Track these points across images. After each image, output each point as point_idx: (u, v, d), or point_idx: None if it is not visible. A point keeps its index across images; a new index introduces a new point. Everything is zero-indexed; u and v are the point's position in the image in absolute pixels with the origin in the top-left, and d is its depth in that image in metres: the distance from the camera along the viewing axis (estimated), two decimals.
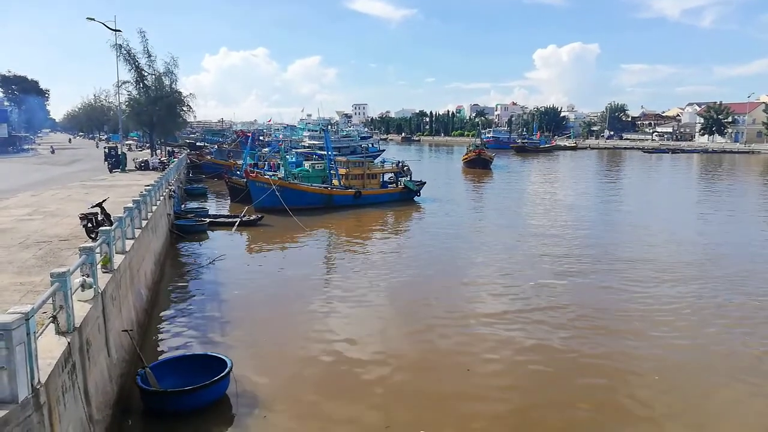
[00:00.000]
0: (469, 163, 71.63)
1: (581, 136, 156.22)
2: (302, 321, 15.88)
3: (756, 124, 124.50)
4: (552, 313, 16.53)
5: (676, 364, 13.28)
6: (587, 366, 13.11)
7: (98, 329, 9.25)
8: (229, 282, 19.61)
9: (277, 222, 30.88)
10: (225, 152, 65.38)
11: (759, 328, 15.53)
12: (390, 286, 19.41)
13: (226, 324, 15.39)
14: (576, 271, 21.18)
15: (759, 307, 17.11)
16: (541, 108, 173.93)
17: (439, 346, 14.21)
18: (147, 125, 50.33)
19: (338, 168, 39.42)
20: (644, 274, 20.79)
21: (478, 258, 23.71)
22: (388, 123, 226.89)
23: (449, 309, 16.92)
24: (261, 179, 35.26)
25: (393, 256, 24.10)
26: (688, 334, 15.05)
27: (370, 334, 14.85)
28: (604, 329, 15.34)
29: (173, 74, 48.42)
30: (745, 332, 15.17)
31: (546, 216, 34.62)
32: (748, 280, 20.03)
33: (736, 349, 14.09)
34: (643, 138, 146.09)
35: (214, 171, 53.15)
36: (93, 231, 13.43)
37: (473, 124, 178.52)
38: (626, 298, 18.03)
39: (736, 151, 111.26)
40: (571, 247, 25.54)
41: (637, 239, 27.67)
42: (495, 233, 29.21)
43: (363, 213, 35.66)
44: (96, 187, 27.76)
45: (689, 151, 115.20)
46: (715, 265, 22.22)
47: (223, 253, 23.48)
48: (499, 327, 15.43)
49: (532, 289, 18.89)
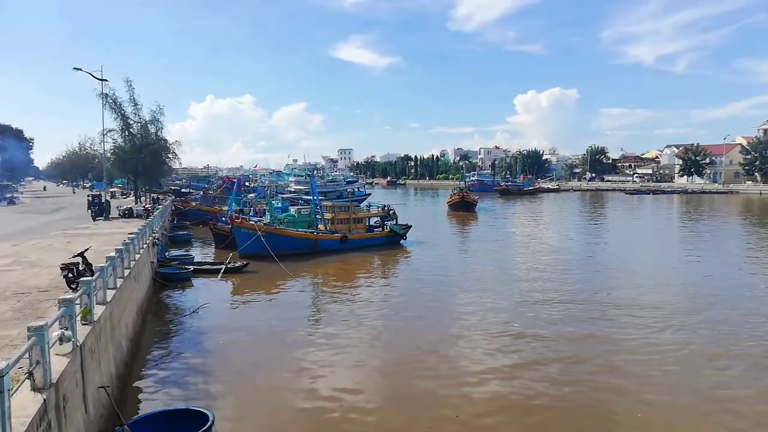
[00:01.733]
0: (454, 206, 72.23)
1: (564, 178, 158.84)
2: (288, 372, 15.52)
3: (733, 164, 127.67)
4: (540, 363, 16.37)
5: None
6: (576, 415, 12.93)
7: (76, 384, 8.96)
8: (212, 331, 19.23)
9: (263, 268, 30.59)
10: (210, 198, 65.33)
11: (745, 371, 15.49)
12: (377, 335, 19.15)
13: (209, 375, 15.01)
14: (562, 317, 21.10)
15: (740, 354, 17.11)
16: (523, 151, 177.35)
17: (427, 396, 13.93)
18: (132, 173, 50.22)
19: (324, 212, 39.48)
20: (631, 320, 20.77)
21: (466, 304, 23.52)
22: (374, 167, 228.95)
23: (437, 358, 16.69)
24: (246, 225, 35.11)
25: (380, 303, 23.87)
26: (673, 380, 14.97)
27: (357, 386, 14.52)
28: (590, 381, 15.16)
29: (159, 122, 48.76)
30: (734, 375, 15.12)
31: (532, 259, 34.72)
32: (736, 324, 20.11)
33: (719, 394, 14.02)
34: (624, 180, 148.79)
35: (199, 217, 52.88)
36: (74, 281, 13.20)
37: (457, 167, 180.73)
38: (612, 346, 17.94)
39: (716, 191, 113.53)
40: (558, 291, 25.55)
41: (623, 284, 27.75)
42: (482, 278, 29.18)
43: (349, 258, 35.50)
44: (78, 236, 27.42)
45: (670, 192, 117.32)
46: (702, 311, 22.30)
47: (207, 302, 23.12)
48: (488, 377, 15.22)
49: (519, 336, 18.74)
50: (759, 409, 13.04)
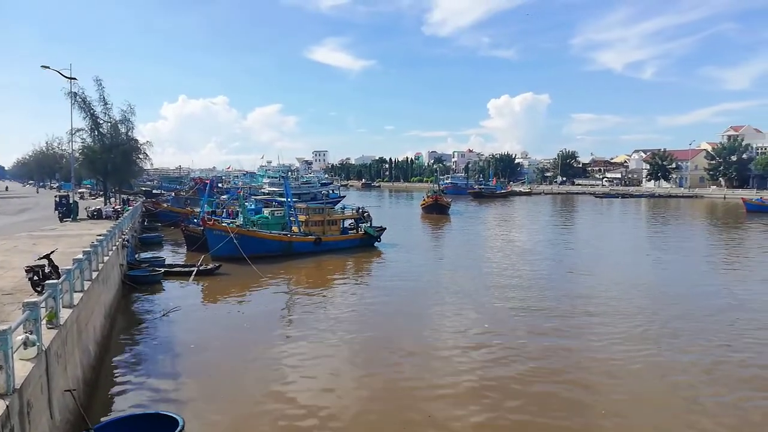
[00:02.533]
0: (427, 208, 72.64)
1: (535, 181, 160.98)
2: (260, 375, 15.42)
3: (698, 169, 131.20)
4: (512, 366, 16.60)
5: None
6: (547, 416, 13.17)
7: (41, 389, 8.78)
8: (183, 334, 18.99)
9: (236, 271, 30.30)
10: (182, 200, 64.44)
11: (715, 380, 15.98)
12: (351, 338, 19.16)
13: (179, 379, 14.82)
14: (533, 319, 21.45)
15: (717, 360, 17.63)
16: (496, 155, 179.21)
17: (400, 398, 14.01)
18: (101, 173, 49.28)
19: (298, 214, 39.31)
20: (600, 322, 21.22)
21: (439, 307, 23.73)
22: (349, 169, 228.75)
23: (410, 360, 16.78)
24: (218, 227, 34.75)
25: (353, 306, 23.88)
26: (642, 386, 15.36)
27: (330, 389, 14.52)
28: (561, 381, 15.44)
29: (130, 122, 48.04)
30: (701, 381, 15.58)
31: (504, 262, 35.15)
32: (700, 325, 20.72)
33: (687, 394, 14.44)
34: (593, 183, 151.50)
35: (171, 219, 52.09)
36: (39, 284, 12.92)
37: (432, 170, 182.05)
38: (582, 348, 18.30)
39: (681, 195, 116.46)
40: (530, 293, 25.98)
41: (592, 286, 28.31)
42: (455, 280, 29.41)
43: (323, 260, 35.41)
44: (45, 238, 26.76)
45: (638, 195, 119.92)
46: (666, 312, 22.89)
47: (177, 305, 22.80)
48: (460, 378, 15.38)
49: (491, 338, 18.99)
50: (720, 406, 13.46)
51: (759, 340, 18.52)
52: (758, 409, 13.27)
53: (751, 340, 18.44)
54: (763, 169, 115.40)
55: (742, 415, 12.94)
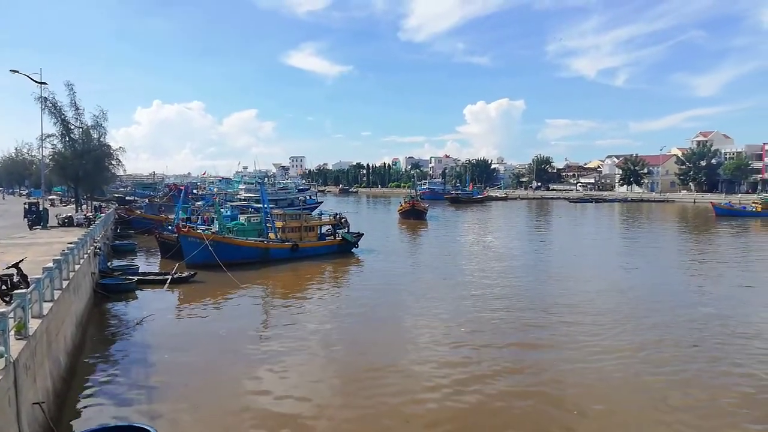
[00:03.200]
0: (404, 214, 72.87)
1: (511, 187, 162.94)
2: (237, 385, 15.23)
3: (669, 174, 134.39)
4: (489, 371, 16.70)
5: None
6: (523, 420, 13.29)
7: (8, 402, 8.55)
8: (157, 344, 18.66)
9: (211, 278, 29.93)
10: (156, 206, 63.58)
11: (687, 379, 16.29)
12: (327, 345, 19.06)
13: (153, 390, 14.55)
14: (509, 325, 21.66)
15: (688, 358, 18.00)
16: (472, 160, 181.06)
17: (378, 404, 13.99)
18: (72, 180, 48.27)
19: (275, 221, 39.05)
20: (573, 325, 21.52)
21: (416, 313, 23.74)
22: (326, 175, 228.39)
23: (388, 367, 16.73)
24: (193, 234, 34.31)
25: (330, 313, 23.80)
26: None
27: (307, 397, 14.40)
28: (536, 386, 15.59)
29: (102, 127, 47.15)
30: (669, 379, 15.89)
31: (481, 267, 35.42)
32: (670, 327, 21.14)
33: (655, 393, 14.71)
34: (568, 188, 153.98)
35: (144, 226, 51.21)
36: (7, 294, 12.60)
37: (409, 175, 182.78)
38: (557, 353, 18.52)
39: (653, 200, 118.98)
40: (506, 298, 26.21)
41: (567, 290, 28.70)
42: (432, 286, 29.54)
43: (300, 266, 35.22)
44: (13, 246, 26.09)
45: (611, 200, 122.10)
46: (638, 314, 23.33)
47: (151, 313, 22.42)
48: (438, 385, 15.43)
49: (468, 344, 19.09)
50: (693, 409, 13.75)
51: (730, 343, 18.97)
52: (730, 414, 13.59)
53: (724, 345, 18.87)
54: (731, 173, 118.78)
55: (713, 417, 13.24)
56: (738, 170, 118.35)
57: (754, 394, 14.37)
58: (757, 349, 18.09)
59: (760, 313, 22.96)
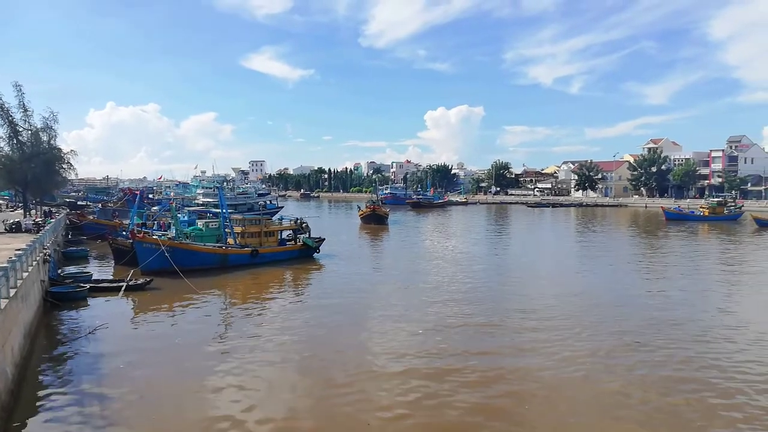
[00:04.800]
0: (365, 218, 72.89)
1: (471, 192, 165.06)
2: (195, 395, 14.93)
3: (622, 180, 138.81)
4: (449, 375, 16.89)
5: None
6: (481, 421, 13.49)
7: None
8: (111, 354, 18.11)
9: (168, 285, 29.24)
10: (110, 211, 61.57)
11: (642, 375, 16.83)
12: (287, 352, 18.92)
13: (108, 402, 14.12)
14: (469, 328, 21.96)
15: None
16: (433, 166, 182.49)
17: (338, 410, 13.95)
18: (20, 184, 46.49)
19: (234, 226, 38.46)
20: (532, 328, 21.99)
21: (377, 319, 23.80)
22: (287, 179, 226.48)
23: (348, 372, 16.76)
24: (149, 240, 33.46)
25: (291, 319, 23.60)
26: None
27: (265, 405, 14.30)
28: (494, 389, 15.89)
29: (52, 129, 45.64)
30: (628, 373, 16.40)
31: (441, 272, 35.77)
32: (623, 328, 21.84)
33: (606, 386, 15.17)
34: (526, 193, 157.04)
35: (97, 232, 49.64)
36: None
37: (371, 180, 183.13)
38: (517, 358, 18.87)
39: (607, 204, 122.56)
40: (465, 302, 26.55)
41: (527, 294, 29.33)
42: (393, 291, 29.67)
43: (260, 272, 34.79)
44: None
45: (567, 205, 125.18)
46: (593, 316, 24.01)
47: (105, 322, 21.74)
48: (398, 389, 15.51)
49: (428, 349, 19.28)
50: (639, 400, 14.24)
51: (680, 344, 19.73)
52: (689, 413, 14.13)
53: (671, 345, 19.61)
54: (680, 179, 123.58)
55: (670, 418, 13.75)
56: (686, 176, 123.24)
57: (710, 397, 15.00)
58: (711, 350, 18.88)
59: (712, 315, 23.81)
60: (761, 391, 15.01)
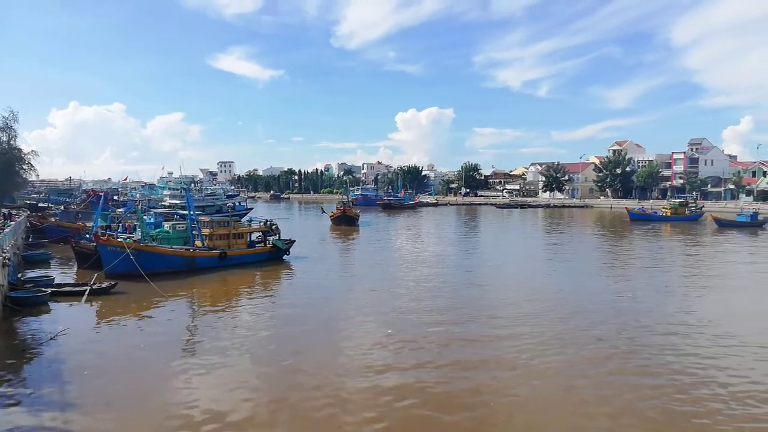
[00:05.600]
0: (336, 220, 72.72)
1: (441, 193, 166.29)
2: (162, 401, 14.66)
3: (588, 181, 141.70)
4: (418, 377, 16.97)
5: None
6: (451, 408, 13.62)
7: None
8: (73, 361, 17.63)
9: (133, 289, 28.61)
10: (72, 214, 60.06)
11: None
12: (256, 356, 18.74)
13: (71, 410, 13.74)
14: (438, 331, 22.09)
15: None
16: (404, 167, 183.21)
17: (310, 412, 13.89)
18: None
19: (202, 228, 37.88)
20: (500, 331, 22.25)
21: (348, 321, 23.76)
22: (256, 181, 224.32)
23: (318, 376, 16.67)
24: (113, 242, 32.71)
25: (259, 322, 23.38)
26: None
27: (235, 411, 14.10)
28: (463, 393, 16.04)
29: (12, 129, 44.47)
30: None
31: (411, 273, 35.93)
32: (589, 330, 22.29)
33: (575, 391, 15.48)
34: (495, 195, 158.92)
35: (59, 235, 48.29)
36: None
37: (341, 182, 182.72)
38: (485, 357, 19.10)
39: (574, 205, 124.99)
40: (435, 304, 26.73)
41: (496, 295, 29.73)
42: (363, 294, 29.67)
43: (229, 275, 34.35)
44: None
45: (535, 206, 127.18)
46: (559, 313, 24.46)
47: (67, 327, 21.13)
48: (368, 393, 15.52)
49: (397, 351, 19.32)
50: (602, 397, 14.57)
51: (645, 343, 20.24)
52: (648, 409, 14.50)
53: (639, 344, 20.11)
54: (644, 181, 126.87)
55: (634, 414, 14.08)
56: (649, 177, 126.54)
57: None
58: (675, 347, 19.44)
59: (677, 315, 24.41)
60: (737, 395, 15.50)
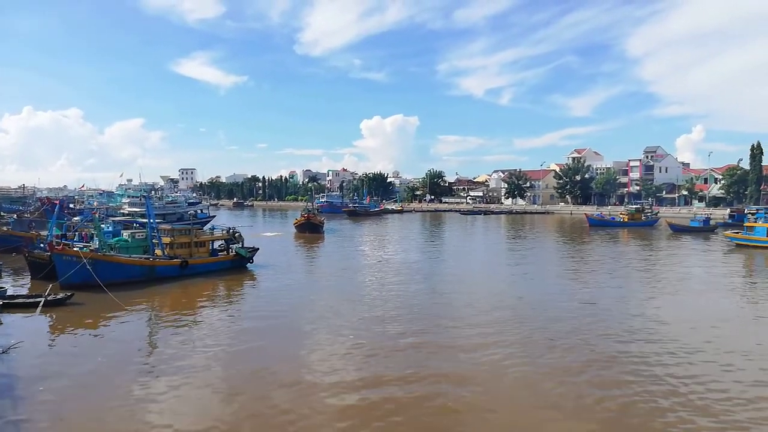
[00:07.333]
0: (300, 227, 72.19)
1: (406, 200, 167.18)
2: (121, 416, 14.27)
3: (549, 188, 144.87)
4: (385, 382, 17.02)
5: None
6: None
7: None
8: (27, 375, 17.04)
9: (91, 300, 27.78)
10: (26, 222, 57.89)
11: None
12: (220, 370, 18.48)
13: (24, 428, 13.25)
14: (405, 337, 22.23)
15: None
16: (369, 174, 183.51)
17: (276, 427, 13.75)
18: None
19: (162, 236, 37.09)
20: (467, 335, 22.53)
21: (312, 329, 23.64)
22: (219, 188, 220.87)
23: (283, 387, 16.58)
24: (69, 252, 31.72)
25: (222, 332, 23.03)
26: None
27: (196, 427, 13.85)
28: (432, 396, 16.16)
29: None
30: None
31: (376, 280, 36.03)
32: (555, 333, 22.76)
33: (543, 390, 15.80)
34: (459, 201, 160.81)
35: (11, 244, 46.45)
36: None
37: (306, 189, 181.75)
38: (450, 362, 19.29)
39: (535, 212, 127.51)
40: (401, 310, 26.87)
41: (462, 301, 30.02)
42: (327, 302, 29.54)
43: (190, 284, 33.72)
44: None
45: (498, 212, 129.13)
46: (520, 316, 24.91)
47: (20, 341, 20.37)
48: (334, 400, 15.46)
49: (364, 358, 19.36)
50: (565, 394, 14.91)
51: (604, 346, 20.79)
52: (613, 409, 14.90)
53: (599, 351, 20.64)
54: (602, 187, 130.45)
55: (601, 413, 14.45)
56: (607, 184, 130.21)
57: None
58: (637, 350, 20.03)
59: (636, 318, 25.17)
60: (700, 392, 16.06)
